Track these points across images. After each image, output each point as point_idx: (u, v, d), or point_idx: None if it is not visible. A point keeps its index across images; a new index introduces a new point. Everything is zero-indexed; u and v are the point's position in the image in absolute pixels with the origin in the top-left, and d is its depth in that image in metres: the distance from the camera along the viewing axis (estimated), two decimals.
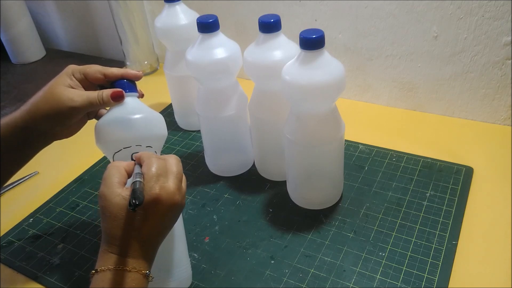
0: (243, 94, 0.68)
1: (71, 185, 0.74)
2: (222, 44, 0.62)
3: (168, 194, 0.43)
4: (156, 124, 0.51)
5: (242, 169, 0.73)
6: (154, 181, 0.42)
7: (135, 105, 0.51)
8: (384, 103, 0.88)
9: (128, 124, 0.49)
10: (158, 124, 0.52)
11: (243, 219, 0.64)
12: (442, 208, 0.62)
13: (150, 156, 0.45)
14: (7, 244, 0.64)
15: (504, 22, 0.69)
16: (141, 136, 0.50)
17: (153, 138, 0.51)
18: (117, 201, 0.41)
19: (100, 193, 0.43)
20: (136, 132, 0.50)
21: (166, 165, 0.45)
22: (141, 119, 0.50)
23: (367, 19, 0.80)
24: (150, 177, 0.43)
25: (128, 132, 0.49)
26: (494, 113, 0.78)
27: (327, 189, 0.64)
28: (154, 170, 0.43)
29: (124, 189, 0.43)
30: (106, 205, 0.42)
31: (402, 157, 0.72)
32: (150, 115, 0.51)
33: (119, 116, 0.50)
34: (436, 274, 0.53)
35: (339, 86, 0.53)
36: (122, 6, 1.00)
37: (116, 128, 0.49)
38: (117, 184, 0.43)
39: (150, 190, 0.42)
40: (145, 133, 0.50)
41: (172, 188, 0.43)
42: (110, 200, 0.42)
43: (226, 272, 0.56)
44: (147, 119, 0.50)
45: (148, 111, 0.51)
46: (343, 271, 0.55)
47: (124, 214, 0.41)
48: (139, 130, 0.50)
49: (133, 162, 0.46)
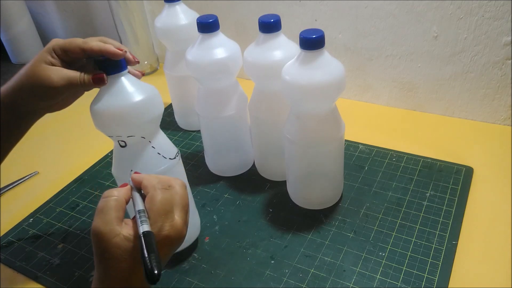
0: (243, 94, 0.68)
1: (71, 185, 0.74)
2: (222, 44, 0.62)
3: (176, 233, 0.39)
4: (149, 108, 0.49)
5: (242, 169, 0.73)
6: (162, 220, 0.39)
7: (126, 87, 0.48)
8: (384, 103, 0.88)
9: (120, 114, 0.47)
10: (153, 105, 0.49)
11: (243, 219, 0.64)
12: (442, 208, 0.62)
13: (154, 187, 0.41)
14: (7, 244, 0.64)
15: (504, 22, 0.69)
16: (136, 124, 0.48)
17: (148, 123, 0.50)
18: (117, 241, 0.37)
19: (95, 230, 0.38)
20: (130, 121, 0.48)
21: (172, 197, 0.41)
22: (134, 107, 0.47)
23: (367, 19, 0.80)
24: (158, 215, 0.39)
25: (122, 122, 0.48)
26: (494, 113, 0.78)
27: (327, 189, 0.64)
28: (160, 206, 0.39)
29: (123, 225, 0.38)
30: (104, 246, 0.37)
31: (402, 157, 0.72)
32: (143, 99, 0.48)
33: (111, 105, 0.47)
34: (436, 274, 0.53)
35: (339, 86, 0.53)
36: (122, 6, 1.00)
37: (109, 118, 0.48)
38: (116, 220, 0.38)
39: (159, 231, 0.38)
40: (140, 120, 0.48)
41: (180, 225, 0.40)
42: (109, 241, 0.37)
43: (226, 272, 0.56)
44: (141, 104, 0.48)
45: (140, 93, 0.48)
46: (343, 271, 0.55)
47: (126, 257, 0.37)
48: (133, 119, 0.48)
49: (130, 189, 0.42)
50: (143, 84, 0.50)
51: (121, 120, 0.48)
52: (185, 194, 0.42)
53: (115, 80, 0.49)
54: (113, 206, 0.39)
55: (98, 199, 0.69)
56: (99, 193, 0.72)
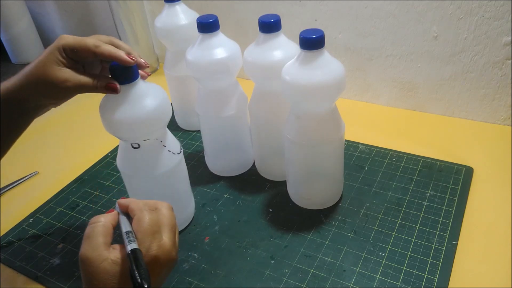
0: (243, 94, 0.68)
1: (71, 185, 0.74)
2: (222, 44, 0.62)
3: (165, 253, 0.39)
4: (164, 111, 0.52)
5: (242, 169, 0.73)
6: (149, 240, 0.38)
7: (141, 95, 0.50)
8: (384, 103, 0.88)
9: (140, 121, 0.50)
10: (167, 109, 0.52)
11: (243, 219, 0.64)
12: (442, 208, 0.62)
13: (141, 209, 0.41)
14: (7, 244, 0.64)
15: (504, 22, 0.69)
16: (153, 129, 0.52)
17: (164, 126, 0.54)
18: (105, 266, 0.37)
19: (83, 256, 0.37)
20: (149, 127, 0.51)
21: (159, 218, 0.41)
22: (152, 114, 0.50)
23: (367, 19, 0.80)
24: (145, 235, 0.39)
25: (141, 129, 0.51)
26: (494, 113, 0.78)
27: (327, 189, 0.64)
28: (147, 227, 0.39)
29: (111, 250, 0.38)
30: (92, 271, 0.37)
31: (402, 157, 0.72)
32: (159, 105, 0.51)
33: (129, 113, 0.49)
34: (436, 274, 0.53)
35: (339, 86, 0.53)
36: (122, 6, 1.00)
37: (128, 126, 0.50)
38: (104, 246, 0.38)
39: (147, 251, 0.38)
40: (157, 125, 0.52)
41: (168, 246, 0.39)
42: (97, 266, 0.37)
43: (226, 272, 0.56)
44: (157, 110, 0.51)
45: (155, 99, 0.51)
46: (343, 271, 0.55)
47: (115, 281, 0.36)
48: (151, 125, 0.51)
49: (117, 214, 0.42)
50: (153, 88, 0.52)
51: (140, 127, 0.50)
52: (172, 216, 0.42)
53: (129, 88, 0.50)
54: (100, 232, 0.39)
55: (98, 199, 0.70)
56: (99, 193, 0.72)
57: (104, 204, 0.69)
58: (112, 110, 0.50)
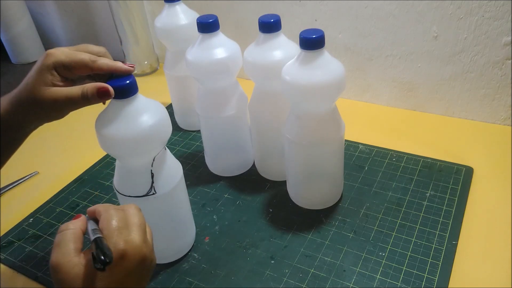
0: (243, 94, 0.68)
1: (71, 185, 0.74)
2: (222, 44, 0.62)
3: (134, 248, 0.38)
4: (160, 131, 0.48)
5: (242, 169, 0.73)
6: (116, 235, 0.38)
7: (137, 111, 0.47)
8: (384, 103, 0.88)
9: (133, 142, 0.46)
10: (163, 129, 0.49)
11: (243, 219, 0.64)
12: (442, 208, 0.62)
13: (107, 209, 0.40)
14: (7, 244, 0.64)
15: (504, 22, 0.69)
16: (151, 147, 0.48)
17: (161, 143, 0.50)
18: (76, 272, 0.36)
19: (53, 264, 0.37)
20: (145, 146, 0.47)
21: (126, 216, 0.40)
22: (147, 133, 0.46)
23: (367, 19, 0.80)
24: (111, 231, 0.38)
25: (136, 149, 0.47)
26: (494, 113, 0.78)
27: (327, 189, 0.64)
28: (114, 223, 0.38)
29: (81, 256, 0.37)
30: (63, 278, 0.36)
31: (402, 157, 0.72)
32: (156, 123, 0.47)
33: (121, 134, 0.46)
34: (436, 274, 0.53)
35: (339, 86, 0.53)
36: (122, 6, 1.00)
37: (122, 146, 0.47)
38: (74, 252, 0.37)
39: (114, 246, 0.37)
40: (153, 143, 0.48)
41: (137, 241, 0.38)
42: (68, 273, 0.36)
43: (226, 272, 0.56)
44: (154, 130, 0.47)
45: (152, 117, 0.47)
46: (343, 271, 0.55)
47: (87, 286, 0.36)
48: (148, 143, 0.47)
49: (85, 219, 0.41)
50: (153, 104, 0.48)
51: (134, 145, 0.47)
52: (141, 215, 0.41)
53: (127, 104, 0.46)
54: (70, 239, 0.38)
55: (98, 199, 0.70)
56: (99, 193, 0.72)
57: None
58: (105, 126, 0.46)
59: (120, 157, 0.50)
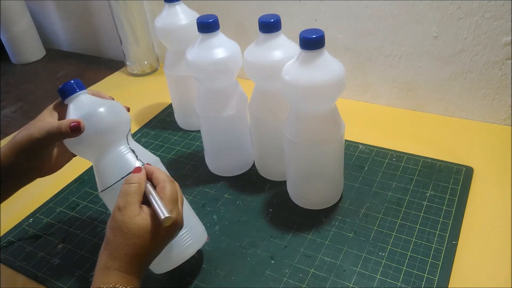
0: (243, 94, 0.68)
1: (71, 185, 0.74)
2: (222, 44, 0.62)
3: (179, 220, 0.47)
4: (117, 111, 0.52)
5: (242, 169, 0.73)
6: (171, 206, 0.46)
7: (90, 101, 0.52)
8: (384, 103, 0.88)
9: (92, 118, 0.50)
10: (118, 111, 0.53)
11: (243, 219, 0.64)
12: (442, 208, 0.62)
13: (164, 179, 0.48)
14: (7, 244, 0.64)
15: (504, 22, 0.69)
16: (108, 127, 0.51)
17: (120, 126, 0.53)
18: (137, 220, 0.44)
19: (120, 206, 0.45)
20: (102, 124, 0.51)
21: (176, 190, 0.48)
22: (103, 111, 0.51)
23: (367, 19, 0.80)
24: (168, 201, 0.46)
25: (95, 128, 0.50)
26: (494, 113, 0.78)
27: (327, 189, 0.64)
28: (169, 194, 0.46)
29: (143, 207, 0.45)
30: (125, 221, 0.44)
31: (402, 157, 0.72)
32: (108, 105, 0.52)
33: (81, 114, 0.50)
34: (436, 274, 0.53)
35: (339, 86, 0.53)
36: (122, 6, 1.00)
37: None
38: (138, 203, 0.45)
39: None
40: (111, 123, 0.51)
41: (181, 215, 0.47)
42: (130, 218, 0.44)
43: (226, 272, 0.56)
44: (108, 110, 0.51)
45: (103, 102, 0.52)
46: (343, 271, 0.55)
47: (142, 233, 0.44)
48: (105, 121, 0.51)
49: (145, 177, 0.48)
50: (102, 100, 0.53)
51: None
52: (181, 193, 0.50)
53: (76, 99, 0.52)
54: (136, 191, 0.46)
55: (98, 199, 0.70)
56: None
57: (104, 204, 0.69)
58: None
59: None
